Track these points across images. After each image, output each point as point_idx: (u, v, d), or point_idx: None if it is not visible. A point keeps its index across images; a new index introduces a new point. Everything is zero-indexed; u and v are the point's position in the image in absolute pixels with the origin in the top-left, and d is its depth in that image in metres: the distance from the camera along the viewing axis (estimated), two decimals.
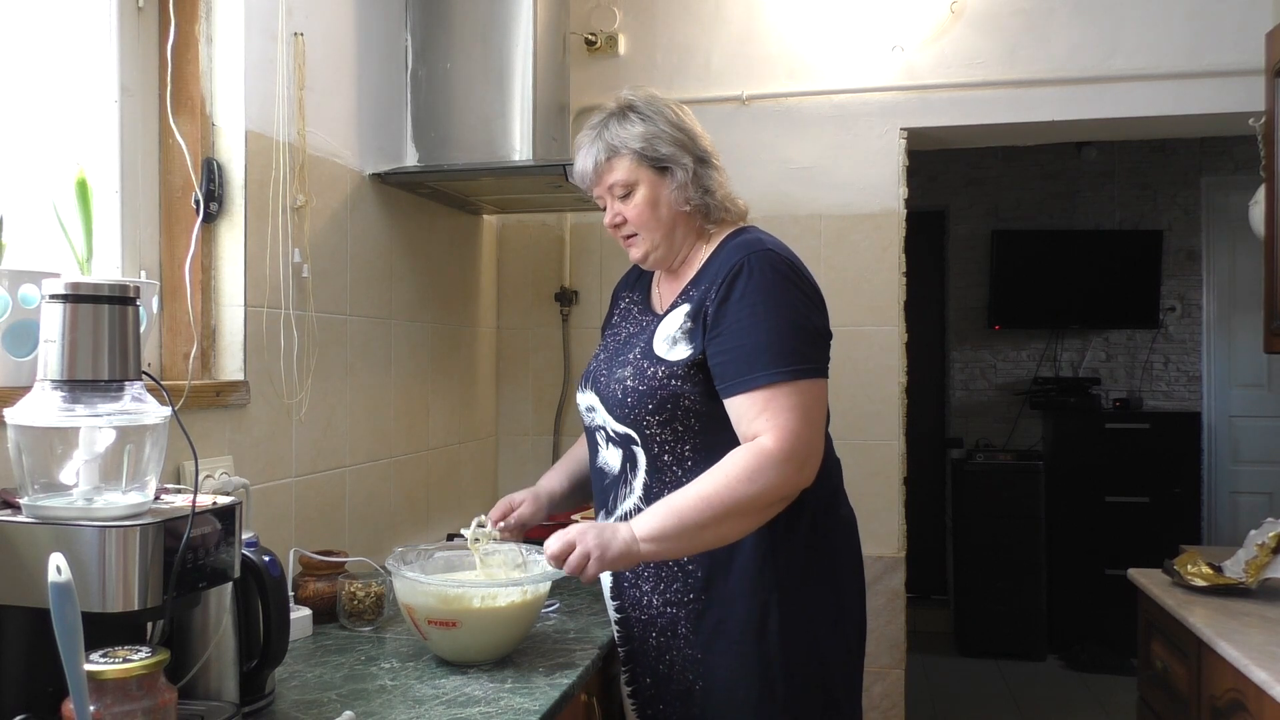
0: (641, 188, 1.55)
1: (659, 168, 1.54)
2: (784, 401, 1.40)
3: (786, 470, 1.39)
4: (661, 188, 1.55)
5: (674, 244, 1.59)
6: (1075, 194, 5.25)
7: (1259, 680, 1.57)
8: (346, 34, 2.07)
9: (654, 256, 1.59)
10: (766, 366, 1.41)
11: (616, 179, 1.56)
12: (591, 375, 1.65)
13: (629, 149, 1.54)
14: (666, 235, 1.57)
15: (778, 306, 1.44)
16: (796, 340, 1.43)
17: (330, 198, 2.00)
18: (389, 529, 2.24)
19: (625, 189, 1.56)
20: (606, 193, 1.58)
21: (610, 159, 1.55)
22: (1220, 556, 2.14)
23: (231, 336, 1.73)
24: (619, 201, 1.57)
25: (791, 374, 1.41)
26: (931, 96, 2.72)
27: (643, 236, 1.57)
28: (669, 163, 1.54)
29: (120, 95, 1.62)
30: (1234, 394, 5.05)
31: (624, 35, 2.87)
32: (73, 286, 1.05)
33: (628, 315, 1.70)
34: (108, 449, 1.05)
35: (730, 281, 1.47)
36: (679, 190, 1.54)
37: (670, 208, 1.55)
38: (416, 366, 2.39)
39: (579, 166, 1.59)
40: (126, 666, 0.96)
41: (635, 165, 1.54)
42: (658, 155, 1.54)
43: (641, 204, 1.55)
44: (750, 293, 1.45)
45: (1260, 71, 2.45)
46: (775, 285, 1.46)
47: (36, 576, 0.95)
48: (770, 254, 1.48)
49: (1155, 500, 4.67)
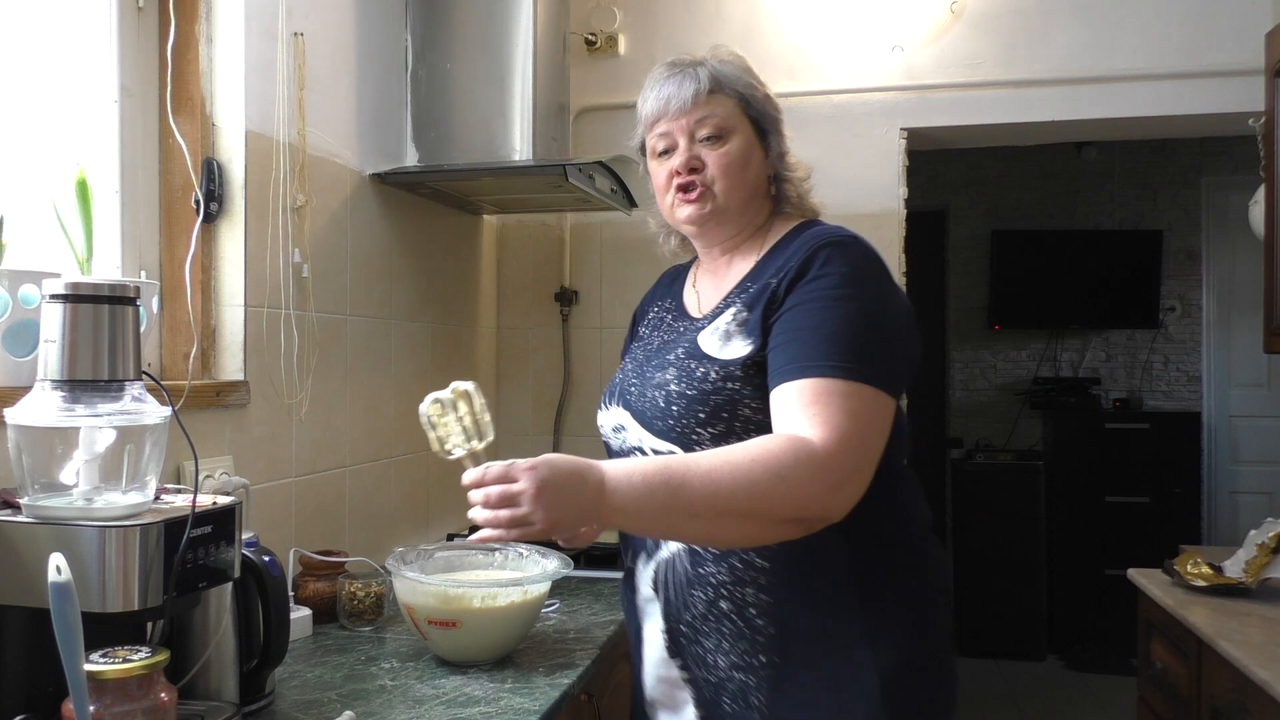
0: (737, 137, 1.32)
1: (759, 125, 1.35)
2: (841, 402, 1.11)
3: (823, 480, 1.08)
4: (755, 148, 1.34)
5: (744, 215, 1.35)
6: (1075, 194, 5.25)
7: (1259, 680, 1.57)
8: (346, 34, 2.07)
9: (717, 218, 1.33)
10: (830, 357, 1.13)
11: (714, 115, 1.31)
12: (618, 389, 1.37)
13: (735, 90, 1.33)
14: (744, 201, 1.33)
15: (862, 295, 1.19)
16: (876, 340, 1.17)
17: (330, 198, 1.99)
18: (389, 529, 2.24)
19: (719, 131, 1.31)
20: (688, 131, 1.32)
21: (715, 92, 1.32)
22: (1220, 556, 2.14)
23: (231, 336, 1.73)
24: (702, 145, 1.31)
25: (859, 374, 1.13)
26: (931, 96, 2.72)
27: (718, 190, 1.31)
28: (768, 125, 1.35)
29: (120, 95, 1.62)
30: (1234, 394, 5.05)
31: (624, 35, 2.87)
32: (73, 286, 1.05)
33: (659, 325, 1.44)
34: (108, 449, 1.05)
35: (807, 260, 1.22)
36: (771, 157, 1.35)
37: (758, 172, 1.34)
38: (416, 366, 2.39)
39: (671, 90, 1.32)
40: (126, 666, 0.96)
41: (738, 110, 1.33)
42: (761, 112, 1.34)
43: (734, 154, 1.31)
44: (830, 272, 1.19)
45: (1260, 71, 2.46)
46: (864, 271, 1.21)
47: (36, 576, 0.95)
48: (862, 242, 1.25)
49: (1155, 500, 4.67)
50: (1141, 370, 5.17)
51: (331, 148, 2.00)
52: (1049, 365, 5.27)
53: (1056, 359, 5.27)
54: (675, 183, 1.33)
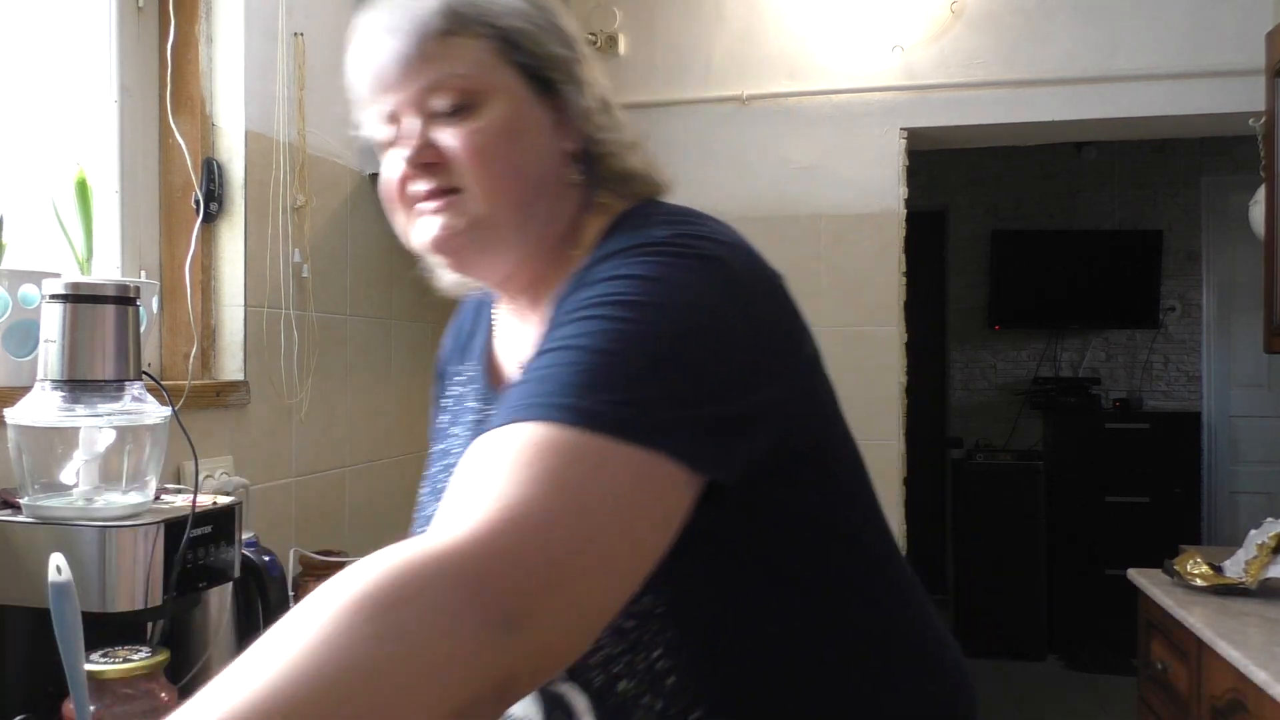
0: (496, 101, 0.77)
1: (538, 76, 0.79)
2: (544, 460, 0.57)
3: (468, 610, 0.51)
4: (532, 113, 0.78)
5: (527, 225, 0.79)
6: (1075, 194, 5.25)
7: (1259, 680, 1.57)
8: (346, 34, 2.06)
9: (475, 247, 0.78)
10: (554, 394, 0.61)
11: (448, 73, 0.76)
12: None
13: (487, 24, 0.77)
14: (525, 202, 0.78)
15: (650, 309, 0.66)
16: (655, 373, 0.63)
17: (330, 198, 1.99)
18: (389, 529, 2.24)
19: (464, 99, 0.76)
20: (416, 103, 0.78)
21: (450, 33, 0.77)
22: (1220, 556, 2.14)
23: (231, 336, 1.73)
24: (437, 122, 0.77)
25: (599, 421, 0.59)
26: (931, 96, 2.72)
27: (471, 194, 0.76)
28: (555, 70, 0.80)
29: (120, 95, 1.62)
30: (1234, 394, 5.05)
31: (624, 35, 2.87)
32: (73, 286, 1.05)
33: (461, 412, 0.90)
34: (108, 449, 1.05)
35: (598, 261, 0.71)
36: (569, 126, 0.80)
37: (543, 149, 0.79)
38: (416, 367, 2.39)
39: (382, 42, 0.80)
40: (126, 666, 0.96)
41: (495, 58, 0.77)
42: (540, 53, 0.79)
43: (491, 129, 0.76)
44: (608, 283, 0.68)
45: (1260, 71, 2.45)
46: (670, 279, 0.68)
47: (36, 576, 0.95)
48: (678, 233, 0.72)
49: (1155, 500, 4.67)
50: (1141, 370, 5.17)
51: (331, 148, 2.00)
52: (1049, 365, 5.27)
53: (1056, 359, 5.27)
54: (406, 189, 0.79)
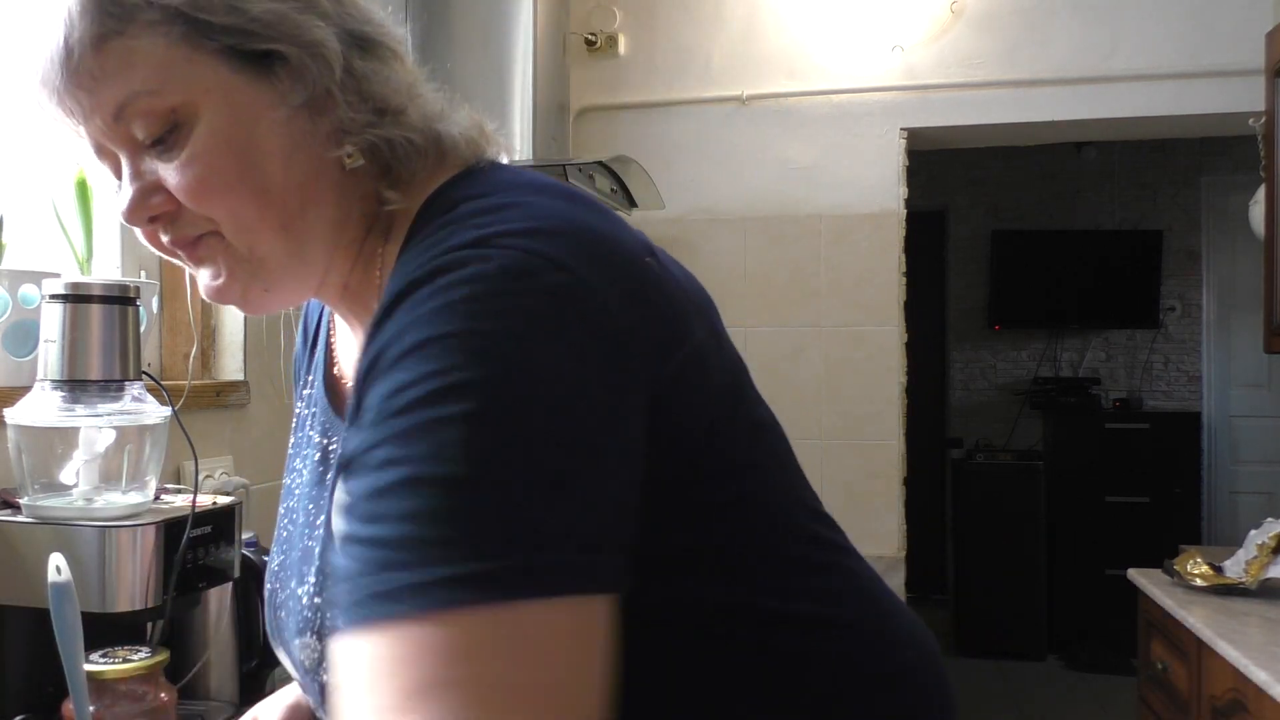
0: (209, 110, 0.59)
1: (247, 52, 0.60)
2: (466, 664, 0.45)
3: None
4: (259, 106, 0.60)
5: (310, 249, 0.64)
6: (1075, 194, 5.25)
7: (1259, 680, 1.57)
8: None
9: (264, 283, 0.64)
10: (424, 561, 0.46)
11: (128, 92, 0.59)
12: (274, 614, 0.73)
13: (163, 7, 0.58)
14: (290, 223, 0.62)
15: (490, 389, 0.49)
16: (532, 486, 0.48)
17: None
18: None
19: (157, 122, 0.60)
20: (109, 136, 0.62)
21: (109, 36, 0.59)
22: (1220, 556, 2.14)
23: (231, 336, 1.73)
24: (147, 155, 0.61)
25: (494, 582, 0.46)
26: (931, 96, 2.72)
27: (227, 234, 0.62)
28: (271, 37, 0.60)
29: None
30: (1234, 394, 5.05)
31: (624, 35, 2.87)
32: (73, 286, 1.05)
33: (302, 439, 0.77)
34: (108, 449, 1.05)
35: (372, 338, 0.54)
36: (313, 112, 0.62)
37: (289, 151, 0.61)
38: None
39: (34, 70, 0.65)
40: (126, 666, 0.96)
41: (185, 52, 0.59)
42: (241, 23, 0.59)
43: (211, 148, 0.59)
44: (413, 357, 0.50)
45: (1260, 71, 2.45)
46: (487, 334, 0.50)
47: (36, 576, 0.95)
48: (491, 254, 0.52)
49: (1155, 500, 4.67)
50: (1141, 370, 5.18)
51: None
52: (1049, 365, 5.27)
53: (1056, 359, 5.27)
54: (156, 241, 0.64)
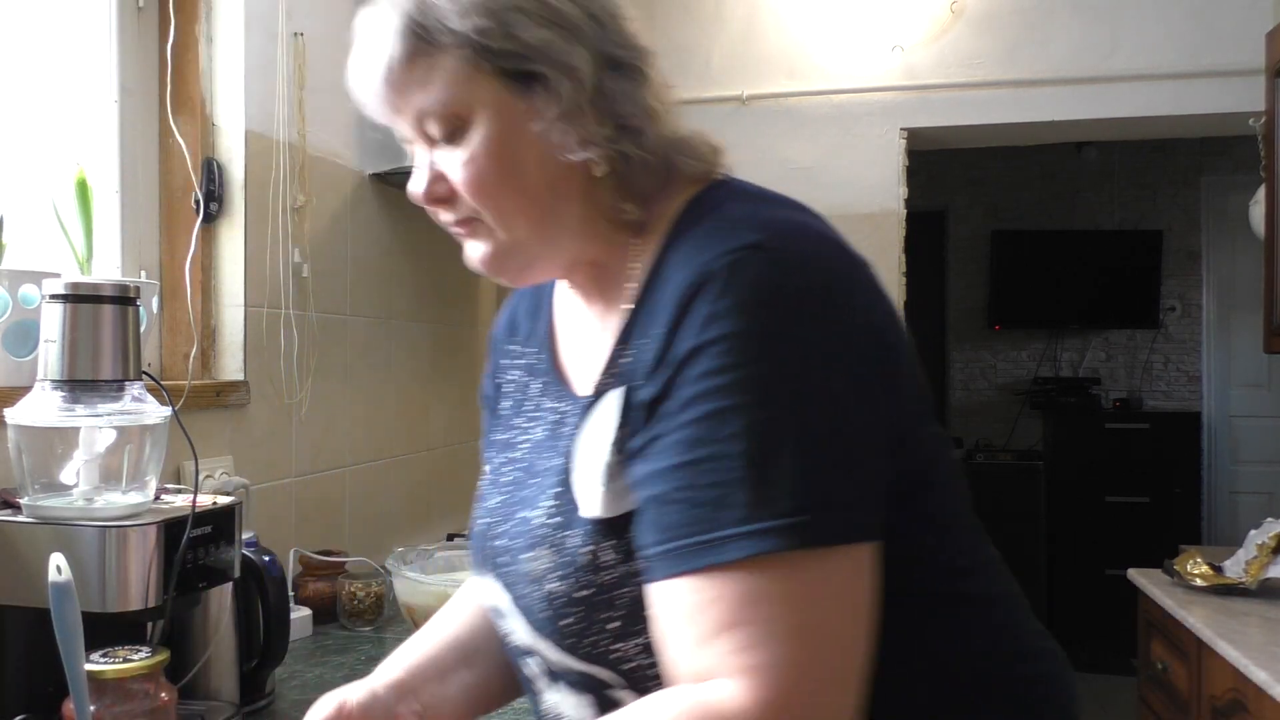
0: (480, 120, 0.73)
1: (519, 76, 0.73)
2: (781, 601, 0.63)
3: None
4: (530, 120, 0.73)
5: (557, 238, 0.77)
6: (1075, 194, 5.25)
7: (1259, 680, 1.57)
8: (346, 34, 2.06)
9: (518, 264, 0.79)
10: (735, 522, 0.63)
11: (431, 101, 0.74)
12: (482, 544, 0.85)
13: (455, 35, 0.72)
14: (540, 221, 0.76)
15: (783, 378, 0.64)
16: (822, 457, 0.64)
17: (330, 198, 1.99)
18: (389, 529, 2.24)
19: (449, 121, 0.74)
20: (413, 129, 0.77)
21: (417, 56, 0.73)
22: (1220, 556, 2.14)
23: (231, 336, 1.73)
24: (439, 148, 0.76)
25: (790, 535, 0.62)
26: (931, 96, 2.72)
27: (488, 221, 0.76)
28: (541, 64, 0.72)
29: (120, 95, 1.62)
30: (1234, 394, 5.05)
31: None
32: (73, 286, 1.05)
33: (522, 401, 0.87)
34: (108, 449, 1.05)
35: (676, 322, 0.68)
36: (565, 123, 0.73)
37: (546, 161, 0.74)
38: (416, 367, 2.39)
39: (354, 79, 0.79)
40: (126, 666, 0.96)
41: (469, 71, 0.72)
42: (515, 48, 0.72)
43: (483, 152, 0.73)
44: (721, 345, 0.65)
45: (1260, 71, 2.45)
46: (781, 332, 0.65)
47: (36, 576, 0.95)
48: (763, 255, 0.67)
49: (1155, 500, 4.67)
50: (1141, 370, 5.17)
51: (331, 148, 2.00)
52: (1049, 365, 5.27)
53: (1056, 359, 5.27)
54: (438, 216, 0.81)
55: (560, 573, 0.73)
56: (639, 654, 0.72)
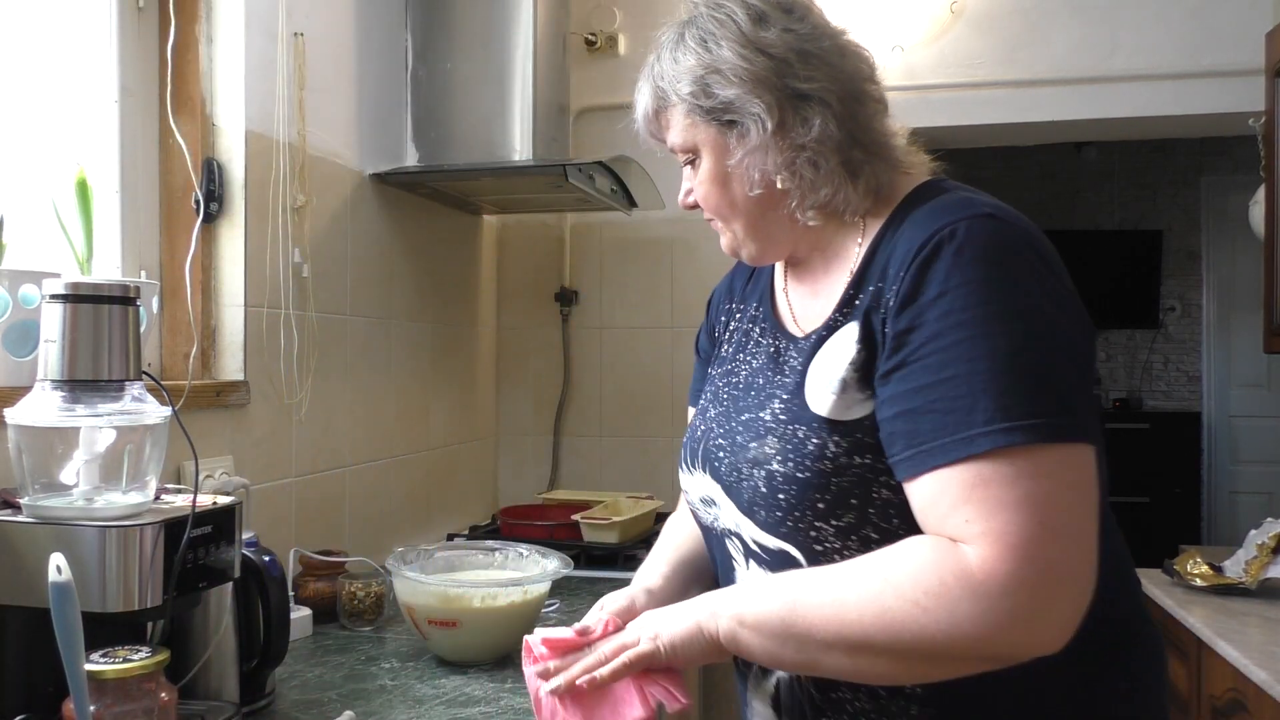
0: (705, 155, 1.01)
1: (722, 122, 0.98)
2: (1010, 487, 0.78)
3: (997, 613, 0.77)
4: (729, 156, 0.98)
5: (772, 237, 1.03)
6: (1075, 194, 5.25)
7: (1259, 680, 1.57)
8: (346, 34, 2.07)
9: (747, 252, 1.05)
10: (984, 423, 0.79)
11: (673, 141, 1.03)
12: (701, 446, 1.05)
13: (679, 96, 0.99)
14: (754, 226, 1.02)
15: (1010, 314, 0.82)
16: (1047, 373, 0.82)
17: (330, 198, 1.99)
18: (389, 529, 2.24)
19: (686, 154, 1.03)
20: (674, 154, 1.07)
21: (661, 110, 1.03)
22: (1220, 556, 2.14)
23: (231, 336, 1.73)
24: (689, 169, 1.06)
25: (1030, 433, 0.79)
26: (931, 96, 2.72)
27: (729, 226, 1.04)
28: (733, 113, 0.97)
29: (120, 95, 1.62)
30: (1234, 394, 5.05)
31: (624, 35, 2.87)
32: (73, 286, 1.05)
33: (745, 342, 1.09)
34: (108, 449, 1.05)
35: (921, 270, 0.86)
36: (753, 156, 0.97)
37: (745, 185, 0.99)
38: (416, 366, 2.39)
39: (635, 116, 1.08)
40: (126, 666, 0.96)
41: (690, 120, 1.00)
42: (716, 103, 0.97)
43: (705, 179, 1.01)
44: (959, 290, 0.83)
45: (1260, 71, 2.45)
46: (1006, 278, 0.84)
47: (36, 576, 0.95)
48: (996, 224, 0.87)
49: (1155, 500, 4.67)
50: (1141, 370, 5.17)
51: (331, 148, 2.00)
52: None
53: None
54: None
55: (785, 457, 0.92)
56: (832, 536, 0.90)
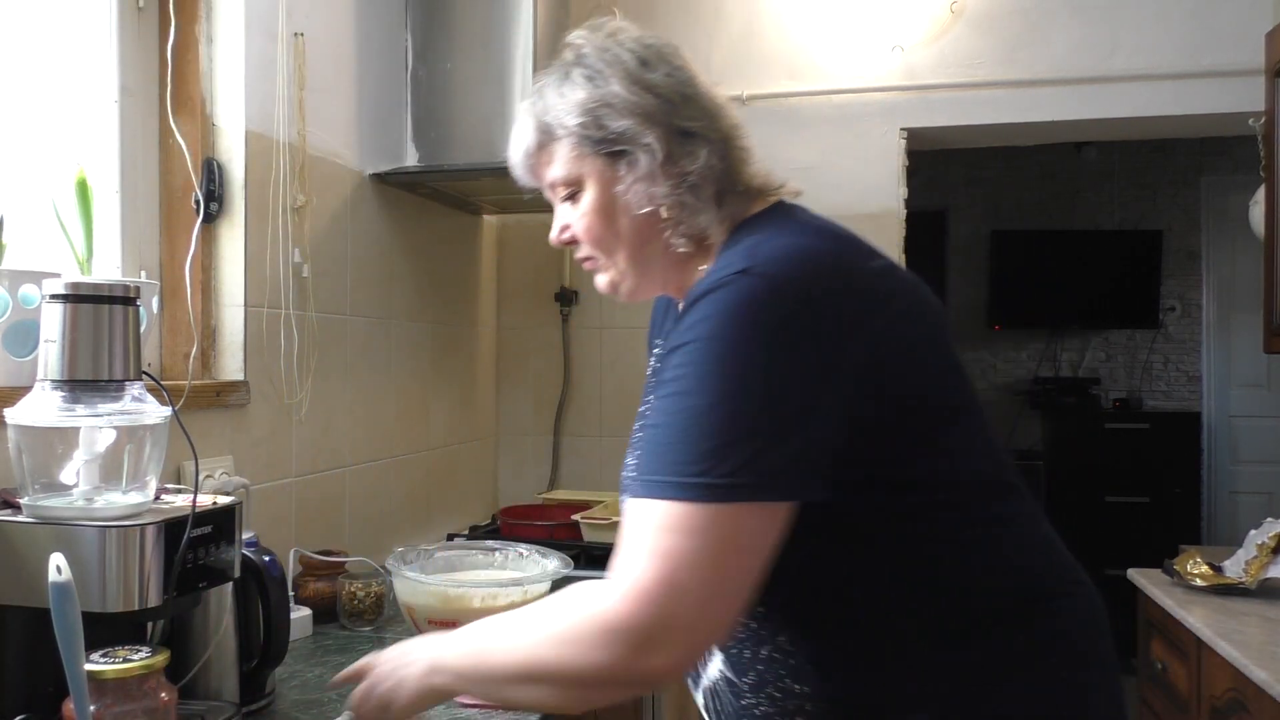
0: (589, 186, 1.03)
1: (610, 153, 1.02)
2: (659, 536, 0.84)
3: (617, 650, 0.84)
4: (615, 184, 1.02)
5: (649, 268, 1.06)
6: (1075, 194, 5.25)
7: (1259, 680, 1.57)
8: (346, 34, 2.07)
9: (626, 287, 1.07)
10: (663, 471, 0.86)
11: (555, 175, 1.05)
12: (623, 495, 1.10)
13: (566, 128, 1.02)
14: (634, 256, 1.04)
15: (719, 375, 0.86)
16: (732, 434, 0.85)
17: (330, 198, 1.99)
18: (389, 529, 2.24)
19: (568, 188, 1.05)
20: (550, 192, 1.09)
21: (544, 144, 1.05)
22: (1220, 556, 2.14)
23: (231, 336, 1.73)
24: (566, 205, 1.07)
25: (693, 490, 0.84)
26: (931, 96, 2.72)
27: (601, 259, 1.06)
28: (624, 143, 1.00)
29: (120, 95, 1.62)
30: (1234, 394, 5.05)
31: None
32: (73, 286, 1.05)
33: (652, 377, 1.15)
34: (108, 449, 1.05)
35: (680, 319, 0.93)
36: (641, 184, 1.00)
37: (630, 213, 1.02)
38: (416, 366, 2.39)
39: (511, 155, 1.10)
40: (126, 666, 0.96)
41: (577, 152, 1.03)
42: (605, 134, 1.00)
43: (589, 210, 1.04)
44: (690, 346, 0.88)
45: (1260, 71, 2.45)
46: (728, 338, 0.87)
47: (36, 576, 0.95)
48: (745, 282, 0.88)
49: (1155, 500, 4.67)
50: (1141, 370, 5.17)
51: (331, 148, 2.00)
52: (1049, 365, 5.27)
53: (1056, 359, 5.27)
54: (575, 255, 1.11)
55: None
56: None
